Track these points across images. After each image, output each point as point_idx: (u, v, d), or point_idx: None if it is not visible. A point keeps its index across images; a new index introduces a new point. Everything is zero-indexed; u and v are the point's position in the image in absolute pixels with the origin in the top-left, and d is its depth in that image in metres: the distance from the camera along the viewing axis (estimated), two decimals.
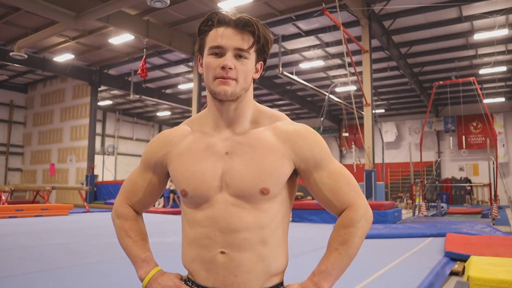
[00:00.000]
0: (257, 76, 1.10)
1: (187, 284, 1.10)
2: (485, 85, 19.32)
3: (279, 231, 1.08)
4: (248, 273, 1.02)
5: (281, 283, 1.09)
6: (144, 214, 1.27)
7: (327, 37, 13.94)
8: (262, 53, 1.08)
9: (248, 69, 1.03)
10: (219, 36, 1.01)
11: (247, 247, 1.02)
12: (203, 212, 1.06)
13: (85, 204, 15.63)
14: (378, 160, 16.43)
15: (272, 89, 19.14)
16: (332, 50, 15.12)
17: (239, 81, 1.02)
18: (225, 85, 1.01)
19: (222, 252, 1.03)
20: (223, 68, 1.00)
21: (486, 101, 19.25)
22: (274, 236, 1.06)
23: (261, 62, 1.10)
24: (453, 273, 4.94)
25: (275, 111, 1.15)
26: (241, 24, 1.01)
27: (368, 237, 7.69)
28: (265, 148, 1.06)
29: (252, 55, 1.04)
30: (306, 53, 15.71)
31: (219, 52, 1.01)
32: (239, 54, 1.01)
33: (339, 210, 1.10)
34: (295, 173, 1.11)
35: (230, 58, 1.00)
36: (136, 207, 1.22)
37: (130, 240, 1.16)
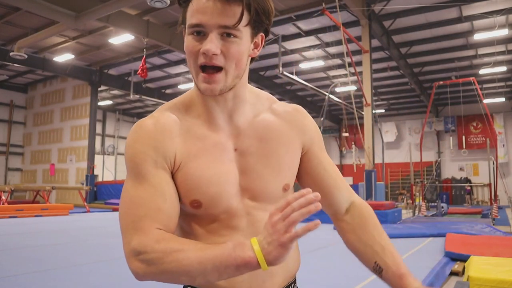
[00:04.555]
0: (256, 53, 0.87)
1: None
2: (485, 85, 19.32)
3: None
4: (274, 277, 0.92)
5: (295, 281, 1.01)
6: None
7: (327, 37, 13.93)
8: (260, 24, 0.83)
9: (241, 50, 0.81)
10: (198, 10, 0.78)
11: None
12: (220, 223, 0.89)
13: (85, 204, 15.62)
14: (378, 160, 16.43)
15: (272, 89, 19.13)
16: (332, 50, 15.11)
17: (229, 71, 0.81)
18: (210, 83, 0.81)
19: None
20: (205, 53, 0.78)
21: (486, 101, 19.24)
22: None
23: (262, 34, 0.86)
24: (453, 273, 4.94)
25: (265, 92, 1.00)
26: None
27: None
28: (277, 139, 0.92)
29: (245, 31, 0.81)
30: (306, 53, 15.70)
31: (200, 31, 0.79)
32: (226, 33, 0.78)
33: (342, 200, 1.01)
34: None
35: (214, 40, 0.78)
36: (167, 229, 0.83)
37: (194, 249, 0.75)
